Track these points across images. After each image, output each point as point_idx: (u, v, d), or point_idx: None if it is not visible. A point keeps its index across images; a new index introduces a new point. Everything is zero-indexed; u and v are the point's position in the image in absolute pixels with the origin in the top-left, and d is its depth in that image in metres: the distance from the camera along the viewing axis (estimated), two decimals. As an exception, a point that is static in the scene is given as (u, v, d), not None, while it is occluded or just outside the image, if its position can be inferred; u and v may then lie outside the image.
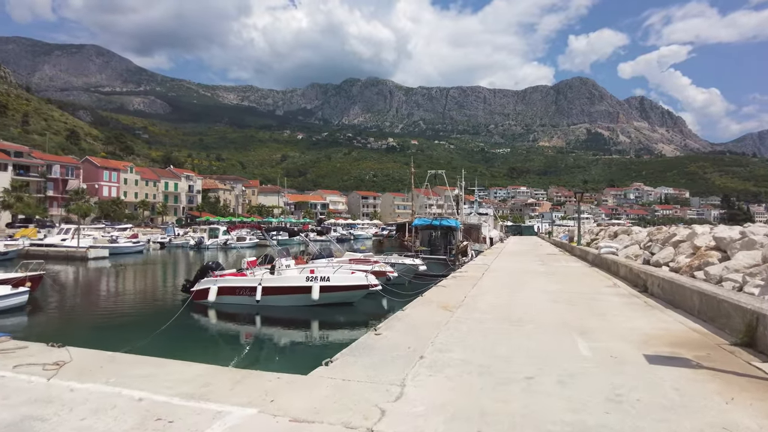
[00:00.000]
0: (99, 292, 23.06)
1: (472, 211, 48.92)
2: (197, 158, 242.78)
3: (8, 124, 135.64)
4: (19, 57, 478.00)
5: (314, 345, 12.26)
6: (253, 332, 13.47)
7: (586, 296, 10.52)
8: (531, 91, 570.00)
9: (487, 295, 10.33)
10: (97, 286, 25.63)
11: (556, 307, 9.06)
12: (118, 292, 22.87)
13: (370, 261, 18.25)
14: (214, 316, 14.74)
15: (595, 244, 25.34)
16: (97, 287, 25.01)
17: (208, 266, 16.55)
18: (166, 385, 4.27)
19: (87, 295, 21.78)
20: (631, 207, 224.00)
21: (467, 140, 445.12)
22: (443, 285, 11.74)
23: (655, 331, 6.75)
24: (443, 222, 25.72)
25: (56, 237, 39.36)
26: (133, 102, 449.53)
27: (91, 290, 23.70)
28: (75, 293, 22.54)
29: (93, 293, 22.65)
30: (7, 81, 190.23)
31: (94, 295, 22.05)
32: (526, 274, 15.54)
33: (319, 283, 14.37)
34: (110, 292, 23.12)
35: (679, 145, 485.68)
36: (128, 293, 22.46)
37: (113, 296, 21.75)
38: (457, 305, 8.88)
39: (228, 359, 10.48)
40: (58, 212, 73.49)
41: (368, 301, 15.59)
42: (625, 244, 18.38)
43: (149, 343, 10.49)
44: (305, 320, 14.17)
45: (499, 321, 7.55)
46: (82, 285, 25.55)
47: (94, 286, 25.62)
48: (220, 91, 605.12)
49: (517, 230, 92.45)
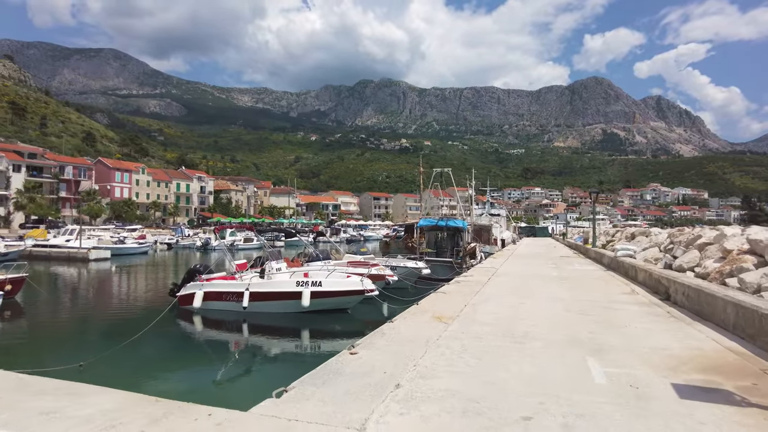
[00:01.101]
0: (85, 296, 22.17)
1: (483, 211, 47.70)
2: (212, 160, 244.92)
3: (27, 127, 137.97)
4: (40, 62, 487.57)
5: (297, 359, 11.20)
6: (234, 342, 12.52)
7: (601, 305, 9.44)
8: (546, 92, 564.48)
9: (490, 304, 9.31)
10: (86, 288, 24.83)
11: (568, 318, 8.01)
12: (105, 296, 22.01)
13: (369, 264, 17.23)
14: (199, 324, 13.87)
15: (611, 246, 24.09)
16: (85, 290, 24.23)
17: (195, 269, 15.58)
18: (63, 427, 3.38)
19: (71, 299, 20.98)
20: (647, 208, 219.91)
21: (481, 141, 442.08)
22: (443, 291, 10.73)
23: (684, 352, 5.70)
24: (449, 223, 24.60)
25: (61, 238, 39.14)
26: (150, 104, 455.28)
27: (78, 293, 22.86)
28: (59, 296, 21.71)
29: (78, 296, 21.83)
30: (26, 85, 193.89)
31: (79, 298, 21.22)
32: (537, 278, 14.45)
33: (310, 288, 13.38)
34: (96, 296, 22.22)
35: (698, 145, 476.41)
36: (114, 297, 21.61)
37: (98, 300, 20.89)
38: (454, 316, 7.88)
39: (193, 377, 9.63)
40: (70, 213, 73.86)
41: (365, 308, 14.50)
42: (643, 247, 17.18)
43: (119, 353, 9.73)
44: (295, 329, 13.25)
45: (500, 336, 6.54)
46: (71, 287, 24.77)
47: (83, 288, 24.84)
48: (234, 94, 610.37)
49: (530, 231, 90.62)
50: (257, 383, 9.09)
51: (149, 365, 10.35)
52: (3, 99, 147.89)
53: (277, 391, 4.14)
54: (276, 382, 5.94)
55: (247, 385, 9.27)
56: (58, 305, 19.53)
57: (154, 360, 10.59)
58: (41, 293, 19.27)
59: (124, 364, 10.06)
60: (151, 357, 10.72)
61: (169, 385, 9.19)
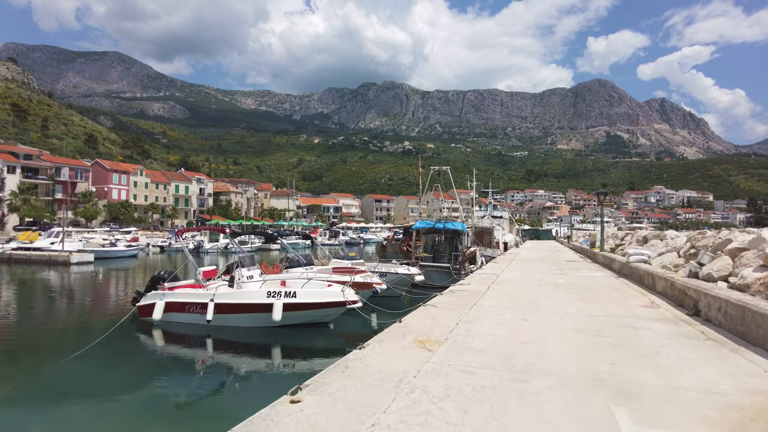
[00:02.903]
0: (44, 303, 20.19)
1: (486, 213, 46.19)
2: (215, 162, 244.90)
3: (28, 129, 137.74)
4: (45, 65, 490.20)
5: (263, 384, 9.60)
6: (191, 363, 10.86)
7: (619, 322, 7.97)
8: (549, 94, 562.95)
9: (488, 321, 7.84)
10: (46, 294, 22.87)
11: (581, 341, 6.55)
12: (66, 304, 20.07)
13: (355, 270, 15.68)
14: (159, 338, 12.34)
15: (620, 250, 22.59)
16: (44, 296, 22.30)
17: (158, 276, 13.95)
18: None
19: (24, 307, 19.03)
20: (652, 210, 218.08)
21: (484, 143, 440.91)
22: (433, 304, 9.26)
23: (744, 397, 4.24)
24: (447, 225, 22.98)
25: (46, 240, 37.81)
26: (153, 107, 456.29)
27: (36, 300, 20.80)
28: (10, 304, 19.74)
29: (36, 304, 19.78)
30: (30, 87, 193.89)
31: (34, 306, 19.19)
32: (542, 287, 12.97)
33: (282, 299, 11.75)
34: (56, 304, 20.21)
35: (702, 147, 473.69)
36: (77, 305, 19.77)
37: (56, 308, 18.89)
38: (441, 339, 6.42)
39: (132, 405, 8.14)
40: (65, 215, 72.70)
41: (351, 320, 12.79)
42: (658, 252, 15.68)
43: (59, 371, 8.37)
44: (265, 346, 11.70)
45: (497, 370, 5.09)
46: (31, 293, 22.76)
47: (43, 294, 22.90)
48: (238, 96, 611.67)
49: (534, 234, 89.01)
50: (205, 417, 7.66)
51: (89, 388, 8.97)
52: (5, 101, 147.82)
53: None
54: (225, 420, 4.53)
55: (190, 420, 7.80)
56: (6, 314, 17.58)
57: (96, 382, 9.20)
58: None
59: (61, 385, 8.74)
60: (94, 378, 9.34)
61: (104, 413, 7.76)
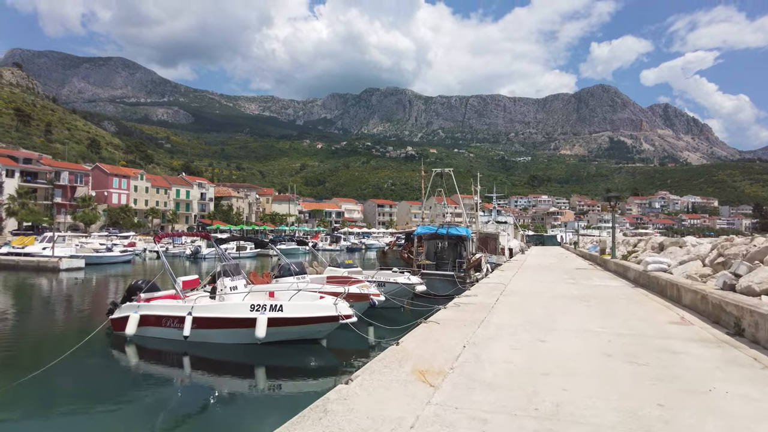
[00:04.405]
0: (12, 312, 18.68)
1: (490, 219, 45.04)
2: (218, 167, 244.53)
3: (31, 134, 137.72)
4: (50, 70, 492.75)
5: (242, 414, 8.38)
6: (163, 385, 9.66)
7: (653, 344, 6.86)
8: (552, 99, 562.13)
9: (500, 344, 6.74)
10: (22, 303, 21.50)
11: (615, 371, 5.45)
12: (36, 313, 18.63)
13: (350, 280, 14.52)
14: (133, 355, 11.17)
15: (634, 257, 21.44)
16: (19, 304, 20.91)
17: (135, 286, 12.76)
18: None
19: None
20: (656, 216, 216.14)
21: (487, 149, 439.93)
22: (436, 320, 8.17)
23: None
24: (451, 231, 21.77)
25: (38, 245, 36.86)
26: (157, 112, 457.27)
27: (5, 309, 19.34)
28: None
29: (3, 313, 18.28)
30: (34, 92, 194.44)
31: (7, 315, 17.77)
32: (555, 299, 11.86)
33: (267, 313, 10.56)
34: (26, 313, 18.70)
35: (706, 152, 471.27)
36: (48, 315, 18.39)
37: (24, 318, 17.40)
38: (445, 369, 5.34)
39: None
40: (65, 220, 71.94)
41: (347, 335, 11.42)
42: (679, 260, 14.55)
43: (10, 394, 7.37)
44: (248, 365, 10.48)
45: (517, 416, 4.01)
46: (1, 302, 21.40)
47: (18, 303, 21.51)
48: (241, 102, 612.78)
49: (539, 240, 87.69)
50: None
51: (44, 411, 7.95)
52: (9, 106, 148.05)
53: None
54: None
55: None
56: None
57: (54, 405, 8.14)
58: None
59: (9, 410, 7.73)
60: (53, 400, 8.31)
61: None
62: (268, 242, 19.36)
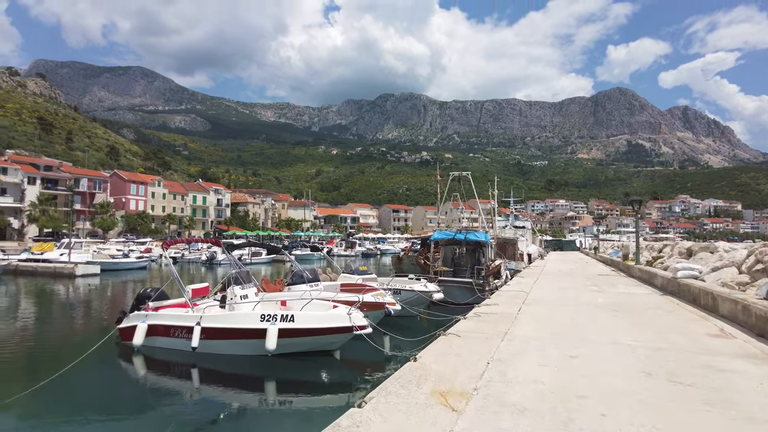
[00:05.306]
0: (23, 319, 18.40)
1: (507, 223, 44.22)
2: (234, 174, 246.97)
3: (54, 142, 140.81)
4: (72, 80, 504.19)
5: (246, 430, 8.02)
6: (169, 399, 9.21)
7: (695, 360, 6.26)
8: (568, 103, 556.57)
9: (527, 359, 6.21)
10: (35, 309, 21.28)
11: (657, 393, 4.89)
12: (46, 321, 18.33)
13: (364, 288, 13.99)
14: (141, 366, 10.80)
15: (659, 263, 20.62)
16: (31, 311, 20.69)
17: (144, 294, 12.38)
18: None
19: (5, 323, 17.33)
20: (677, 220, 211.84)
21: (503, 153, 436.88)
22: (456, 332, 7.65)
23: None
24: (469, 236, 21.10)
25: (56, 252, 37.15)
26: (175, 120, 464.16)
27: (17, 316, 19.02)
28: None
29: (14, 320, 17.99)
30: (56, 101, 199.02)
31: (13, 322, 17.44)
32: (581, 308, 11.24)
33: (278, 324, 10.07)
34: (36, 321, 18.34)
35: (728, 155, 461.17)
36: (57, 323, 18.10)
37: (34, 326, 17.06)
38: (469, 389, 4.84)
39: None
40: (84, 226, 72.89)
41: (359, 345, 10.88)
42: (711, 266, 13.80)
43: (11, 408, 7.10)
44: (258, 378, 10.07)
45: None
46: (14, 309, 21.04)
47: (31, 309, 21.31)
48: (258, 109, 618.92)
49: (557, 245, 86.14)
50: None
51: (50, 422, 7.68)
52: (33, 115, 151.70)
53: None
54: None
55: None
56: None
57: (55, 419, 7.83)
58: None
59: (22, 416, 7.49)
60: (55, 413, 8.00)
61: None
62: (281, 248, 18.96)
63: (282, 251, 18.06)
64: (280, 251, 18.48)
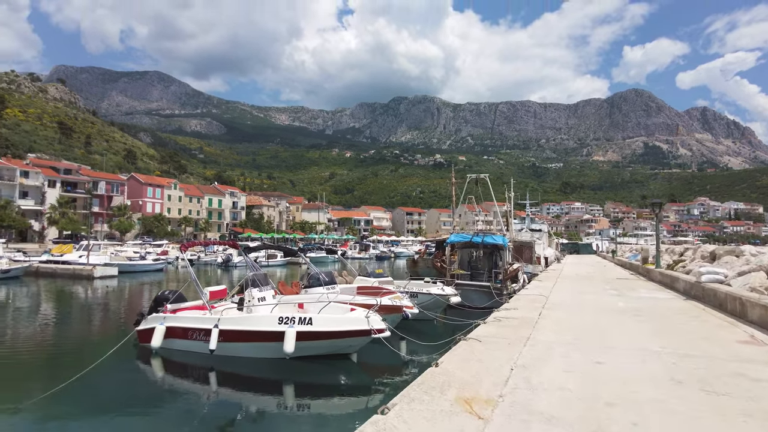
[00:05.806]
0: (44, 320, 18.56)
1: (523, 226, 43.78)
2: (249, 177, 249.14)
3: (73, 146, 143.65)
4: (91, 85, 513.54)
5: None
6: (187, 402, 9.16)
7: (727, 368, 6.04)
8: (583, 105, 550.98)
9: (551, 365, 6.06)
10: (55, 310, 21.45)
11: (689, 401, 4.71)
12: (66, 322, 18.47)
13: (382, 291, 13.89)
14: (159, 368, 10.83)
15: (681, 267, 20.17)
16: (52, 312, 20.87)
17: (162, 297, 12.40)
18: None
19: (23, 324, 17.56)
20: (695, 223, 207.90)
21: (517, 155, 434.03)
22: (477, 337, 7.52)
23: None
24: (486, 239, 20.87)
25: (75, 254, 37.76)
26: (191, 124, 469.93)
27: (39, 316, 19.25)
28: (13, 320, 18.38)
29: (36, 320, 18.22)
30: (76, 106, 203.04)
31: (34, 323, 17.65)
32: (602, 313, 11.02)
33: (296, 327, 10.01)
34: (56, 322, 18.47)
35: (748, 157, 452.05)
36: (76, 325, 18.25)
37: (53, 327, 17.13)
38: (494, 396, 4.72)
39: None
40: (102, 228, 74.04)
41: (376, 349, 10.75)
42: (737, 271, 13.41)
43: (29, 411, 7.14)
44: (276, 382, 10.04)
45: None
46: (35, 310, 21.29)
47: (51, 310, 21.48)
48: (272, 113, 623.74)
49: (574, 248, 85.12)
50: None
51: (68, 424, 7.74)
52: (53, 120, 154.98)
53: None
54: None
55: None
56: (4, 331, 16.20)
57: (76, 419, 7.92)
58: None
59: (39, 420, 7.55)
60: (74, 416, 8.05)
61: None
62: (298, 250, 18.96)
63: (298, 254, 18.08)
64: (296, 254, 18.47)
